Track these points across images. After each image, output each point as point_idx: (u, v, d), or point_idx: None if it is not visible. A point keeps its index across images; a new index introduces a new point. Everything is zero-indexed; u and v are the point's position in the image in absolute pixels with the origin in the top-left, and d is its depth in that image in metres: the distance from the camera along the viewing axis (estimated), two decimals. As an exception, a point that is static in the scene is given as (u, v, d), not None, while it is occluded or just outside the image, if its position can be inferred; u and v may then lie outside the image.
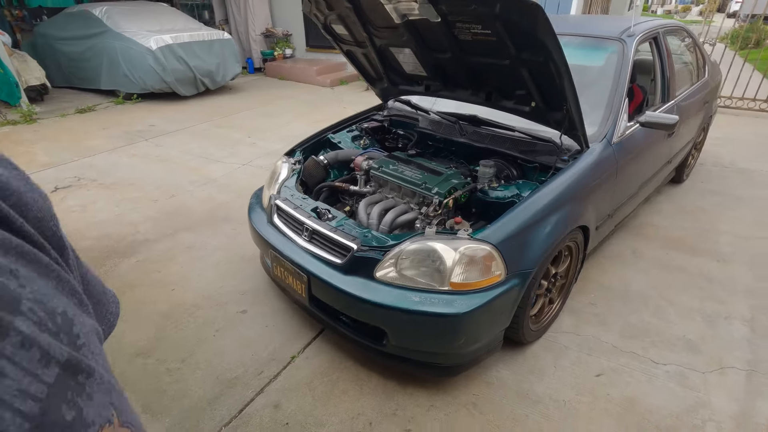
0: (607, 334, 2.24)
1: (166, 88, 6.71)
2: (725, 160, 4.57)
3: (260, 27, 9.32)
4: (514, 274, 1.76)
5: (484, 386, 1.96)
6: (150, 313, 2.41)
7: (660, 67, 2.91)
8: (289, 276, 2.05)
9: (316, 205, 2.13)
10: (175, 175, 4.24)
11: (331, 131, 2.87)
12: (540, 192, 1.89)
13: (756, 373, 2.01)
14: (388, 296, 1.72)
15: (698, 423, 1.78)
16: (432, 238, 1.76)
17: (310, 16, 2.45)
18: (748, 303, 2.47)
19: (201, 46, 6.94)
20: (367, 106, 6.69)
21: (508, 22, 1.67)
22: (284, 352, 2.15)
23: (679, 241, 3.11)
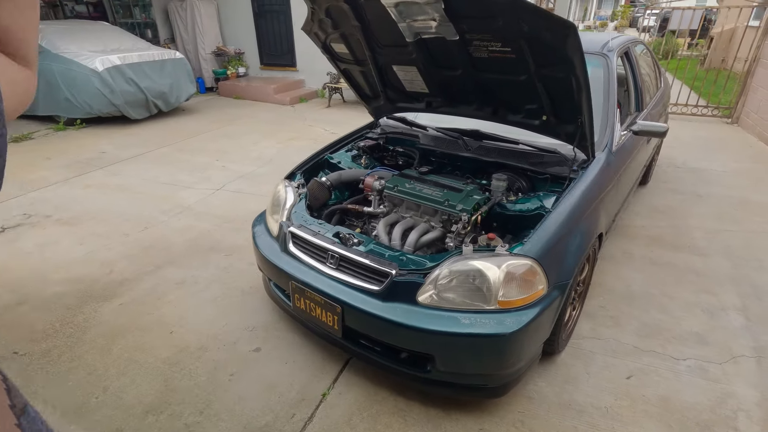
0: (625, 335, 2.32)
1: (115, 112, 6.24)
2: (677, 161, 4.99)
3: (210, 45, 8.99)
4: (554, 287, 1.77)
5: (526, 401, 1.94)
6: (151, 362, 2.16)
7: (633, 79, 3.13)
8: (316, 308, 1.92)
9: (337, 230, 2.03)
10: (143, 205, 3.91)
11: (329, 151, 2.78)
12: (566, 202, 1.93)
13: (764, 359, 2.16)
14: (436, 321, 1.66)
15: (730, 414, 1.87)
16: (472, 256, 1.73)
17: (309, 35, 2.37)
18: (736, 292, 2.67)
19: (152, 66, 6.54)
20: (331, 123, 6.61)
21: (535, 40, 1.70)
22: (313, 389, 2.01)
23: (660, 238, 3.31)
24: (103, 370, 2.12)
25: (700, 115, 6.80)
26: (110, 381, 2.06)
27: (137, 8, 9.14)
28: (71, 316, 2.49)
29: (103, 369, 2.12)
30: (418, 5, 1.81)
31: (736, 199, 3.97)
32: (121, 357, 2.19)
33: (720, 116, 6.76)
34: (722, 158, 5.05)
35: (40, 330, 2.38)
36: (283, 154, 5.30)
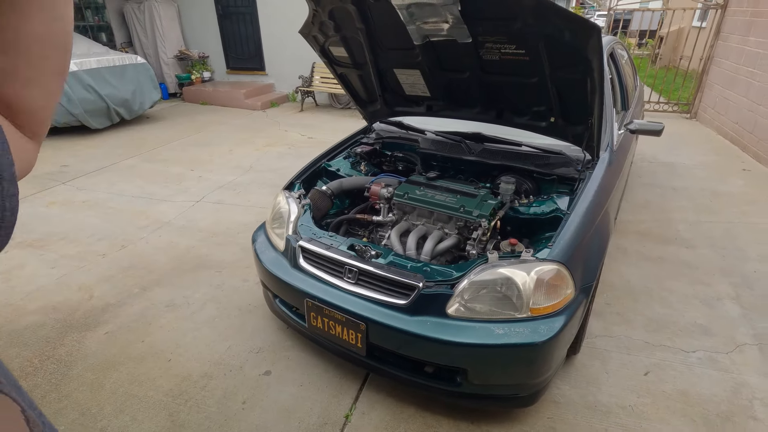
0: (635, 331, 2.36)
1: (74, 122, 5.82)
2: (648, 155, 5.20)
3: (172, 49, 8.58)
4: (580, 290, 1.76)
5: (554, 407, 1.92)
6: (152, 396, 1.98)
7: (618, 79, 3.21)
8: (336, 326, 1.82)
9: (351, 242, 1.93)
10: (117, 222, 3.64)
11: (325, 159, 2.68)
12: (582, 203, 1.92)
13: (765, 346, 2.25)
14: (470, 333, 1.60)
15: (746, 404, 1.92)
16: (499, 264, 1.69)
17: (307, 38, 2.26)
18: (727, 281, 2.79)
19: (112, 72, 6.15)
20: (307, 128, 6.50)
21: (555, 41, 1.68)
22: (334, 412, 1.90)
23: (648, 233, 3.42)
24: (97, 409, 1.92)
25: (662, 111, 7.15)
26: (107, 421, 1.87)
27: (89, 10, 8.59)
28: (52, 350, 2.26)
29: (97, 408, 1.92)
30: (431, 6, 1.75)
31: (709, 191, 4.17)
32: (116, 392, 2.00)
33: (679, 112, 7.13)
34: (688, 152, 5.31)
35: (17, 368, 2.14)
36: (262, 161, 5.11)
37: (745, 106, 5.33)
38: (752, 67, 5.29)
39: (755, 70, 5.21)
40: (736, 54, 5.77)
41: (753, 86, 5.21)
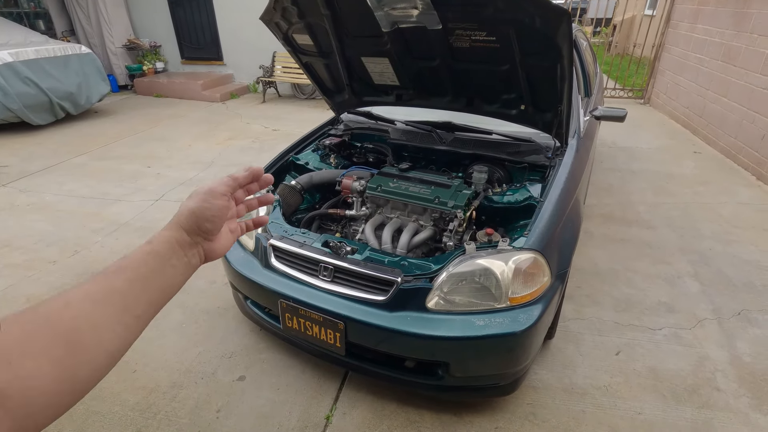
0: (605, 312, 2.43)
1: (12, 118, 5.36)
2: (607, 140, 5.38)
3: (120, 38, 8.05)
4: (556, 277, 1.77)
5: (532, 392, 1.95)
6: (117, 411, 1.85)
7: (581, 66, 3.26)
8: (313, 326, 1.75)
9: (325, 239, 1.87)
10: (68, 226, 3.38)
11: (293, 152, 2.58)
12: (554, 190, 1.93)
13: (723, 320, 2.38)
14: (451, 326, 1.59)
15: (710, 376, 2.02)
16: (477, 255, 1.67)
17: (269, 25, 2.14)
18: (686, 260, 2.93)
19: (53, 63, 5.69)
20: (270, 119, 6.35)
21: (526, 28, 1.66)
22: (314, 414, 1.85)
23: (611, 216, 3.54)
24: (56, 431, 1.77)
25: (617, 97, 7.41)
26: (68, 442, 1.73)
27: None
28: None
29: (56, 430, 1.78)
30: (400, -8, 1.69)
31: (665, 174, 4.37)
32: (75, 411, 1.85)
33: (633, 97, 7.43)
34: (644, 136, 5.54)
35: (-40, 392, 1.94)
36: (224, 155, 4.90)
37: (695, 91, 5.60)
38: (700, 53, 5.55)
39: (703, 56, 5.47)
40: (685, 41, 6.04)
41: (701, 72, 5.48)
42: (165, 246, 0.56)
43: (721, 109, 4.96)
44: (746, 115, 4.48)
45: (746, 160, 4.42)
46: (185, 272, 0.59)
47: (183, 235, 0.58)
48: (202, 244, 0.61)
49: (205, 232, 0.60)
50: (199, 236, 0.60)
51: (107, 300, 0.47)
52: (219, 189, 0.61)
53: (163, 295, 0.55)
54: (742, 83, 4.58)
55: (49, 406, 0.40)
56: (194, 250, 0.60)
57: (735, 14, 4.82)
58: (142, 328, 0.52)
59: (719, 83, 5.03)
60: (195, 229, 0.59)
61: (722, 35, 5.06)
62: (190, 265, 0.59)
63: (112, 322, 0.47)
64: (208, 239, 0.61)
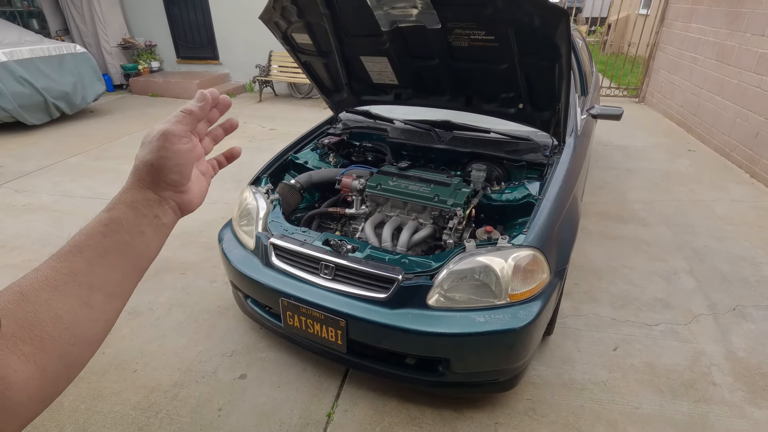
0: (602, 309, 2.46)
1: (7, 118, 5.32)
2: (603, 139, 5.42)
3: (115, 37, 8.01)
4: (555, 273, 1.79)
5: (532, 387, 1.97)
6: (118, 410, 1.85)
7: (578, 65, 3.28)
8: (315, 324, 1.76)
9: (325, 237, 1.88)
10: (65, 226, 3.37)
11: (292, 151, 2.58)
12: (553, 188, 1.95)
13: (718, 315, 2.41)
14: (451, 323, 1.60)
15: (706, 371, 2.05)
16: (477, 252, 1.69)
17: (268, 24, 2.14)
18: (682, 256, 2.96)
19: (48, 62, 5.65)
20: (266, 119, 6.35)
21: (525, 27, 1.68)
22: (316, 411, 1.86)
23: (607, 213, 3.57)
24: (57, 430, 1.77)
25: (612, 96, 7.46)
26: (69, 441, 1.73)
27: (17, -6, 7.84)
28: None
29: (57, 429, 1.78)
30: (400, -9, 1.70)
31: (660, 172, 4.41)
32: (77, 410, 1.86)
33: (628, 96, 7.48)
34: (639, 135, 5.58)
35: (-40, 393, 1.94)
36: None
37: (689, 90, 5.65)
38: (694, 52, 5.60)
39: (697, 55, 5.52)
40: (679, 40, 6.09)
41: (695, 71, 5.53)
42: (128, 212, 0.48)
43: (715, 108, 5.01)
44: (740, 114, 4.52)
45: (740, 158, 4.47)
46: (159, 234, 0.51)
47: (147, 193, 0.50)
48: (173, 198, 0.52)
49: (173, 185, 0.51)
50: (167, 190, 0.51)
51: (68, 285, 0.42)
52: (175, 131, 0.52)
53: (137, 266, 0.49)
54: (736, 82, 4.62)
55: (29, 402, 0.37)
56: (165, 206, 0.52)
57: (729, 13, 4.87)
58: (119, 306, 0.47)
59: (713, 82, 5.08)
60: (161, 184, 0.50)
61: (716, 34, 5.11)
62: (163, 225, 0.51)
63: (79, 307, 0.42)
64: (178, 191, 0.53)
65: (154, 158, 0.49)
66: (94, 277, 0.44)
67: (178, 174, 0.51)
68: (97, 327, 0.44)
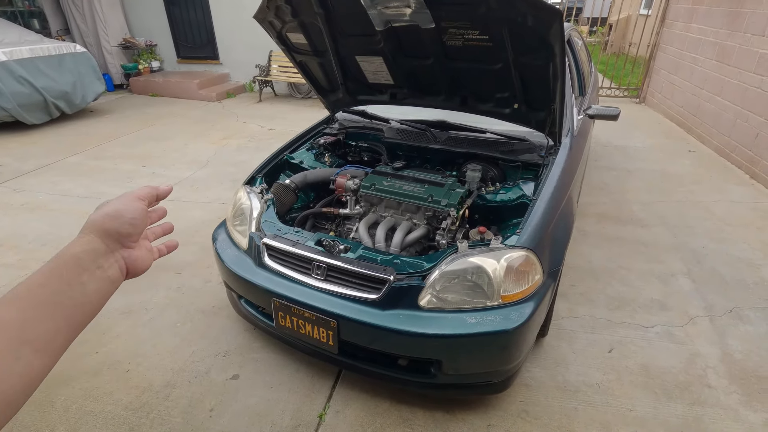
0: (598, 310, 2.44)
1: (7, 117, 5.34)
2: (602, 139, 5.40)
3: (115, 37, 8.03)
4: (548, 275, 1.78)
5: (525, 389, 1.96)
6: (110, 411, 1.85)
7: (575, 65, 3.27)
8: (306, 325, 1.75)
9: (318, 237, 1.87)
10: (62, 225, 3.37)
11: (288, 151, 2.58)
12: (547, 188, 1.94)
13: (715, 317, 2.39)
14: (443, 324, 1.59)
15: (701, 373, 2.04)
16: (469, 253, 1.68)
17: (263, 24, 2.14)
18: (679, 257, 2.94)
19: (48, 62, 5.67)
20: (266, 119, 6.35)
21: (519, 27, 1.67)
22: (308, 412, 1.85)
23: (606, 214, 3.55)
24: (48, 430, 1.77)
25: (613, 96, 7.44)
26: (60, 441, 1.73)
27: (18, -6, 7.87)
28: (-8, 369, 2.06)
29: (48, 429, 1.77)
30: (392, -10, 1.69)
31: (659, 172, 4.39)
32: (68, 410, 1.85)
33: (629, 96, 7.45)
34: (639, 135, 5.56)
35: (-48, 392, 1.94)
36: (220, 155, 4.89)
37: (689, 91, 5.63)
38: (695, 52, 5.57)
39: (697, 55, 5.50)
40: (680, 40, 6.07)
41: (696, 71, 5.50)
42: (70, 262, 0.48)
43: (715, 108, 4.98)
44: (740, 114, 4.50)
45: (740, 159, 4.45)
46: (102, 289, 0.50)
47: (95, 242, 0.51)
48: (120, 252, 0.53)
49: (124, 236, 0.53)
50: (117, 242, 0.53)
51: None
52: (137, 193, 0.57)
53: (74, 321, 0.46)
54: (736, 82, 4.60)
55: None
56: (111, 259, 0.52)
57: (729, 14, 4.84)
58: (48, 363, 0.44)
59: (713, 82, 5.06)
60: (112, 234, 0.52)
61: (716, 34, 5.08)
62: (107, 279, 0.51)
63: (5, 360, 0.39)
64: (127, 246, 0.54)
65: (113, 209, 0.53)
66: (26, 330, 0.42)
67: (132, 226, 0.54)
68: (19, 384, 0.41)
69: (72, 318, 0.47)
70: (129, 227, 0.54)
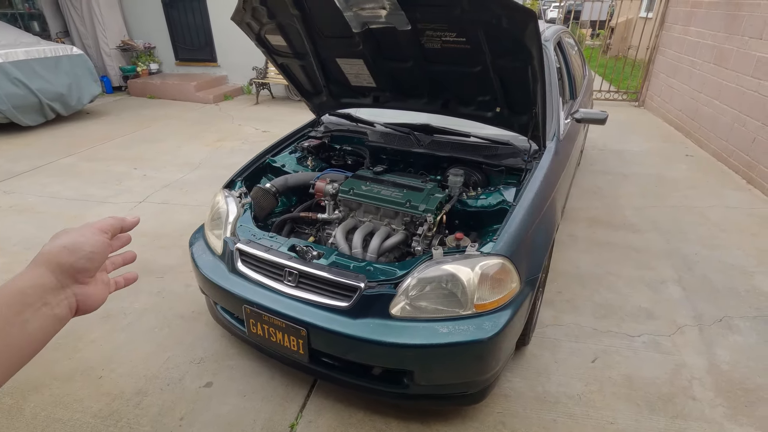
0: (584, 318, 2.39)
1: (1, 119, 5.36)
2: (599, 143, 5.34)
3: (114, 39, 8.05)
4: (526, 283, 1.73)
5: (504, 400, 1.91)
6: (78, 418, 1.81)
7: (566, 68, 3.23)
8: (277, 333, 1.72)
9: (292, 243, 1.83)
10: (49, 228, 3.35)
11: (270, 154, 2.54)
12: (528, 194, 1.90)
13: (704, 327, 2.33)
14: (413, 333, 1.55)
15: (686, 384, 1.98)
16: (444, 260, 1.64)
17: (241, 26, 2.11)
18: (670, 264, 2.88)
19: (43, 64, 5.67)
20: (261, 121, 6.33)
21: (494, 29, 1.63)
22: (279, 422, 1.81)
23: (597, 219, 3.50)
24: (14, 437, 1.74)
25: (612, 100, 7.37)
26: (25, 450, 1.69)
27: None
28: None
29: (14, 436, 1.74)
30: (365, -9, 1.66)
31: (655, 177, 4.32)
32: (36, 417, 1.82)
33: (628, 100, 7.38)
34: (636, 139, 5.49)
35: None
36: (212, 157, 4.87)
37: (688, 94, 5.56)
38: (693, 56, 5.51)
39: (695, 59, 5.43)
40: (678, 43, 6.01)
41: (694, 74, 5.44)
42: (13, 299, 0.44)
43: (713, 112, 4.92)
44: (737, 118, 4.43)
45: (737, 163, 4.38)
46: (46, 327, 0.46)
47: (45, 277, 0.47)
48: (72, 288, 0.49)
49: (79, 271, 0.49)
50: (70, 278, 0.49)
51: None
52: (100, 225, 0.53)
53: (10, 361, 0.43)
54: (734, 86, 4.54)
55: None
56: (61, 296, 0.48)
57: (726, 16, 4.79)
58: None
59: (711, 86, 4.99)
60: (66, 268, 0.48)
61: (714, 37, 5.02)
62: (53, 317, 0.47)
63: None
64: (81, 281, 0.50)
65: (70, 241, 0.49)
66: None
67: (89, 261, 0.50)
68: None
69: (9, 358, 0.43)
70: (86, 262, 0.50)
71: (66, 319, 0.50)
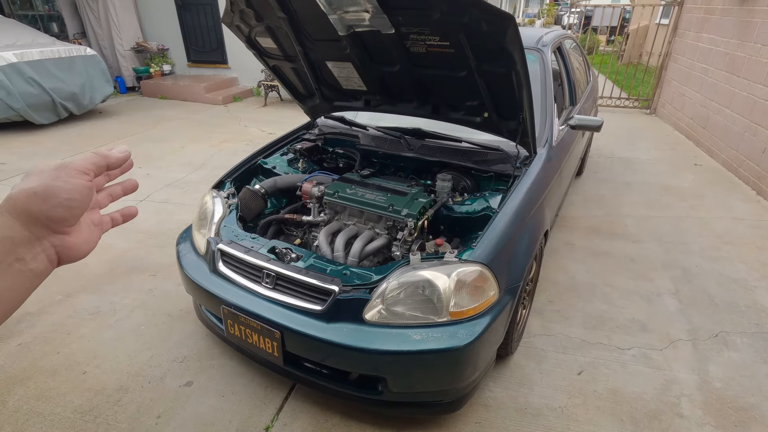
0: (573, 329, 2.33)
1: (15, 117, 5.49)
2: (606, 151, 5.25)
3: (129, 41, 8.22)
4: (505, 291, 1.70)
5: (483, 410, 1.87)
6: (59, 413, 1.84)
7: (566, 74, 3.18)
8: (253, 334, 1.71)
9: (272, 245, 1.83)
10: (51, 224, 3.42)
11: (262, 156, 2.56)
12: (512, 202, 1.87)
13: (698, 341, 2.26)
14: (386, 340, 1.53)
15: (675, 401, 1.92)
16: (420, 266, 1.62)
17: (231, 28, 2.13)
18: (668, 276, 2.80)
19: (58, 64, 5.82)
20: (268, 123, 6.34)
21: (474, 33, 1.61)
22: (255, 423, 1.81)
23: (597, 228, 3.43)
24: (-6, 429, 1.77)
25: (623, 107, 7.25)
26: (4, 442, 1.72)
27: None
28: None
29: (-6, 428, 1.77)
30: (347, -5, 1.66)
31: (661, 186, 4.23)
32: (19, 410, 1.85)
33: (639, 107, 7.25)
34: (645, 147, 5.39)
35: None
36: (216, 158, 4.93)
37: (699, 102, 5.44)
38: (705, 63, 5.39)
39: (708, 66, 5.31)
40: (691, 50, 5.88)
41: (706, 82, 5.31)
42: None
43: (724, 121, 4.79)
44: (748, 127, 4.31)
45: (747, 174, 4.25)
46: (20, 285, 0.42)
47: (14, 228, 0.40)
48: (49, 239, 0.44)
49: (55, 221, 0.43)
50: (45, 228, 0.43)
51: None
52: (79, 165, 0.45)
53: None
54: (745, 94, 4.41)
55: None
56: (37, 248, 0.42)
57: (739, 23, 4.67)
58: None
59: (723, 94, 4.87)
60: (38, 218, 0.41)
61: (727, 45, 4.90)
62: (29, 271, 0.42)
63: None
64: (59, 231, 0.44)
65: (41, 186, 0.41)
66: None
67: (67, 210, 0.43)
68: None
69: None
70: (63, 211, 0.42)
71: (46, 273, 0.44)
